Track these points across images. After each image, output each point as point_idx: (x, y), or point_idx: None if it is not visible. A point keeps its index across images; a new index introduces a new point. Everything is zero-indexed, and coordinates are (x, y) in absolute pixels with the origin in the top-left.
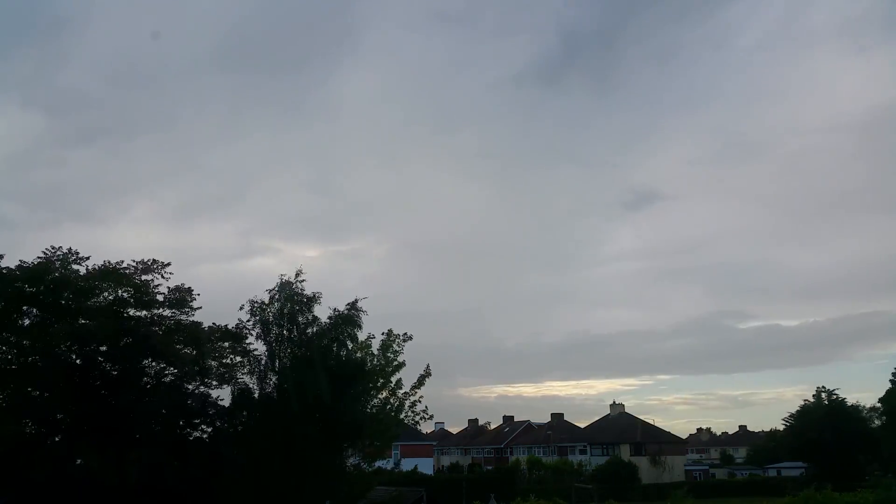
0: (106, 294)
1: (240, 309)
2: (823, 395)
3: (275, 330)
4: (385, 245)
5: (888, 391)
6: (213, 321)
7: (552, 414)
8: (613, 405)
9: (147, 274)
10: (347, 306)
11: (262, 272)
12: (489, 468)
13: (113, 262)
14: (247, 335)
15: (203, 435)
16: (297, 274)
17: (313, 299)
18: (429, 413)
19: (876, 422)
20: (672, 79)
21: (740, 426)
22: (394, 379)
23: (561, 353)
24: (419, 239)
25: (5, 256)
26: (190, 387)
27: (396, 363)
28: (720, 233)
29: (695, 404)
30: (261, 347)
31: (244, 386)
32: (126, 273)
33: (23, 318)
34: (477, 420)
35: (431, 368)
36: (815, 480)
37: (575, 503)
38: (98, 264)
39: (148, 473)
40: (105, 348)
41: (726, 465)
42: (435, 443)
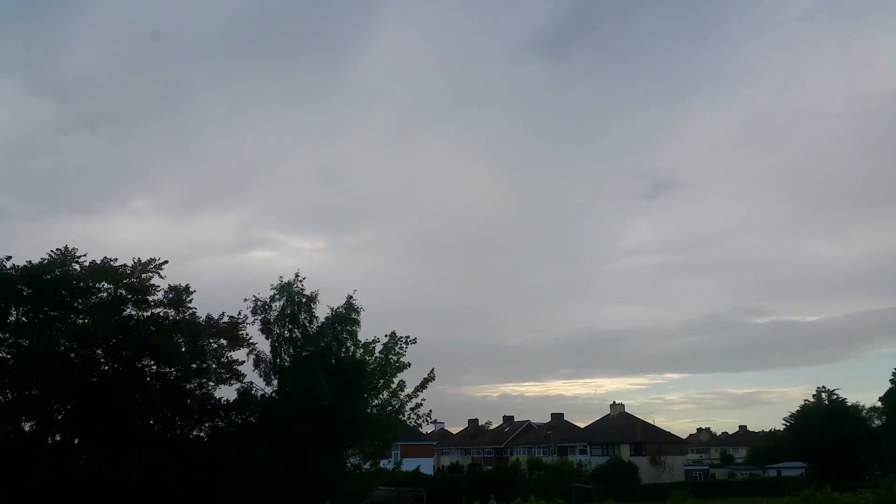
0: (104, 293)
1: (239, 313)
2: (824, 396)
3: (276, 330)
4: (393, 238)
5: (888, 391)
6: (214, 316)
7: (552, 414)
8: (613, 405)
9: (145, 272)
10: (344, 304)
11: (266, 265)
12: (489, 468)
13: (110, 260)
14: (245, 330)
15: (203, 434)
16: (297, 274)
17: (313, 299)
18: (432, 417)
19: (876, 422)
20: (697, 58)
21: (740, 426)
22: (396, 380)
23: (569, 351)
24: (428, 232)
25: (4, 253)
26: (189, 386)
27: (399, 365)
28: (739, 225)
29: (703, 403)
30: (263, 345)
31: (243, 385)
32: (124, 272)
33: (22, 318)
34: (477, 420)
35: (436, 366)
36: (815, 480)
37: (575, 503)
38: (96, 260)
39: (148, 473)
40: (104, 347)
41: (726, 465)
42: (435, 443)
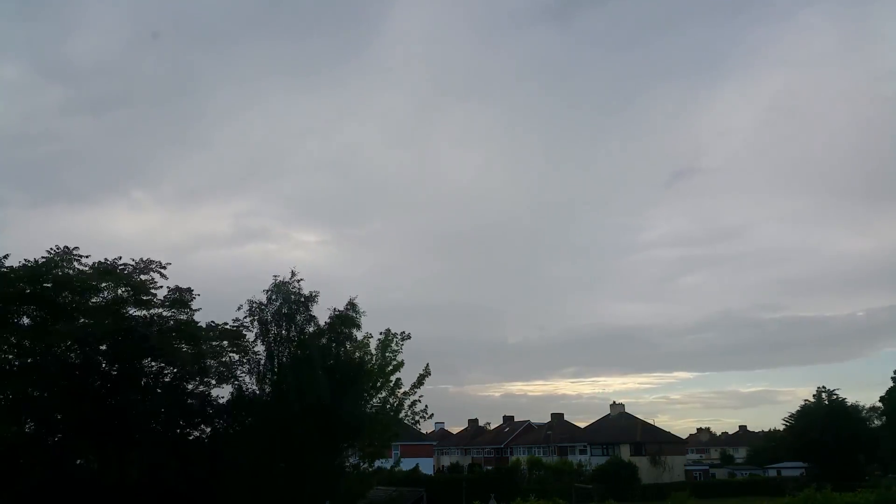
0: (105, 293)
1: (238, 309)
2: (824, 396)
3: (273, 330)
4: (400, 230)
5: (889, 390)
6: (218, 308)
7: (552, 414)
8: (613, 405)
9: (146, 273)
10: (346, 306)
11: (269, 257)
12: (489, 468)
13: (114, 262)
14: (245, 334)
15: (203, 435)
16: (294, 273)
17: (311, 299)
18: (428, 412)
19: (876, 422)
20: (722, 40)
21: (740, 426)
22: (393, 378)
23: (576, 349)
24: (436, 224)
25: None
26: (189, 386)
27: (396, 362)
28: (761, 217)
29: (709, 403)
30: (260, 347)
31: (242, 385)
32: (125, 272)
33: (22, 318)
34: (477, 420)
35: (440, 365)
36: (816, 480)
37: (575, 503)
38: (99, 259)
39: (148, 473)
40: (104, 348)
41: (726, 465)
42: (435, 443)
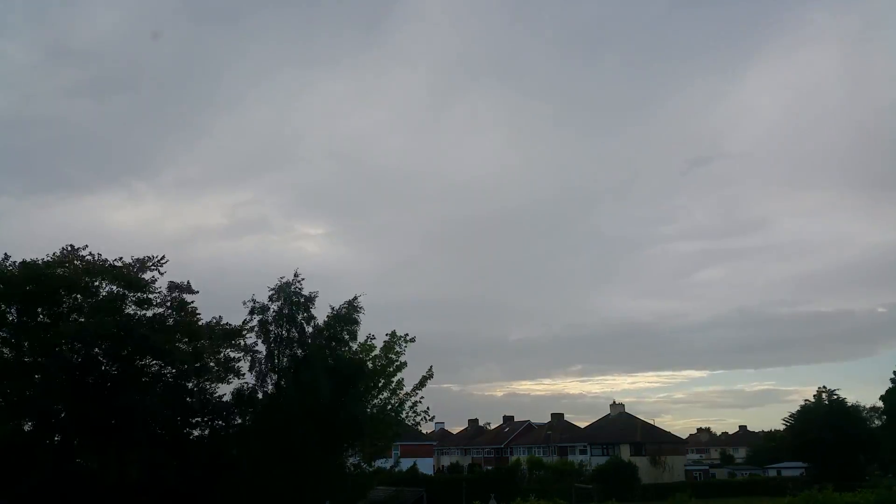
0: (104, 292)
1: (243, 304)
2: (824, 396)
3: (274, 330)
4: (407, 223)
5: (888, 391)
6: (220, 300)
7: (552, 414)
8: (614, 405)
9: (144, 271)
10: (345, 304)
11: (272, 250)
12: (489, 468)
13: (111, 260)
14: (245, 333)
15: (203, 434)
16: (297, 274)
17: (312, 299)
18: (430, 414)
19: (876, 422)
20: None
21: (740, 426)
22: (395, 379)
23: (584, 347)
24: (444, 217)
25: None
26: (189, 385)
27: (398, 364)
28: (783, 209)
29: (715, 403)
30: (261, 347)
31: (243, 385)
32: (125, 271)
33: (22, 318)
34: (477, 420)
35: (444, 363)
36: (816, 480)
37: (575, 503)
38: (98, 259)
39: (148, 473)
40: (104, 347)
41: (726, 466)
42: (435, 443)
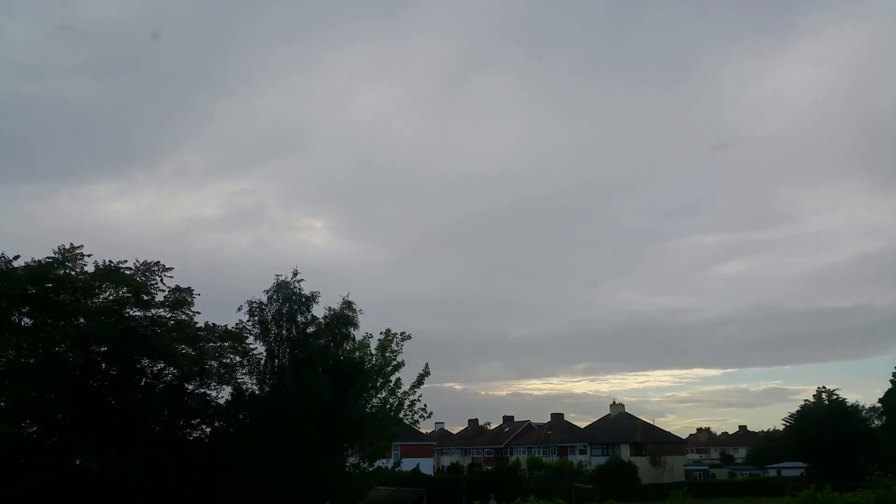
0: (106, 294)
1: (238, 310)
2: (824, 396)
3: (273, 330)
4: (417, 215)
5: (888, 391)
6: (220, 295)
7: (552, 414)
8: (613, 405)
9: (147, 275)
10: (343, 305)
11: (273, 244)
12: (489, 468)
13: (114, 262)
14: (246, 335)
15: (203, 435)
16: (296, 273)
17: (311, 299)
18: (428, 412)
19: (876, 422)
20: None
21: (740, 426)
22: (393, 378)
23: (590, 345)
24: (452, 209)
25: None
26: (190, 387)
27: (395, 362)
28: (809, 197)
29: (721, 401)
30: (260, 347)
31: (242, 386)
32: (127, 274)
33: (23, 319)
34: (477, 420)
35: (447, 361)
36: (816, 480)
37: (575, 503)
38: (100, 262)
39: (148, 473)
40: (105, 348)
41: (726, 466)
42: (435, 443)
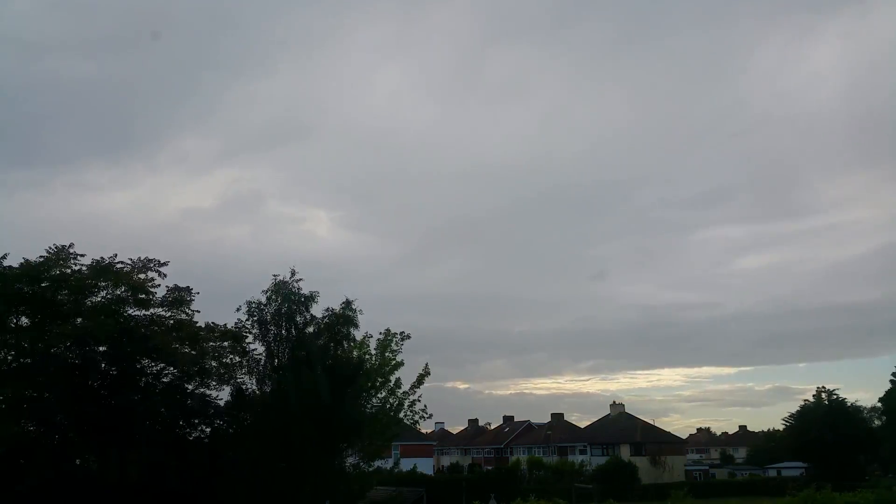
0: (104, 293)
1: (237, 310)
2: (824, 396)
3: (273, 330)
4: (426, 209)
5: (888, 391)
6: (221, 288)
7: (552, 414)
8: (613, 405)
9: (144, 272)
10: (342, 305)
11: (276, 242)
12: (489, 468)
13: (109, 259)
14: (245, 335)
15: (203, 435)
16: (294, 273)
17: (310, 298)
18: (427, 412)
19: (876, 422)
20: None
21: (740, 426)
22: (393, 378)
23: (599, 343)
24: (460, 202)
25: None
26: (189, 387)
27: (395, 363)
28: (833, 187)
29: (725, 401)
30: (259, 347)
31: (242, 386)
32: (123, 271)
33: (21, 319)
34: (477, 420)
35: (451, 359)
36: (816, 480)
37: (575, 503)
38: (95, 259)
39: (148, 473)
40: (104, 348)
41: (726, 466)
42: (435, 443)
